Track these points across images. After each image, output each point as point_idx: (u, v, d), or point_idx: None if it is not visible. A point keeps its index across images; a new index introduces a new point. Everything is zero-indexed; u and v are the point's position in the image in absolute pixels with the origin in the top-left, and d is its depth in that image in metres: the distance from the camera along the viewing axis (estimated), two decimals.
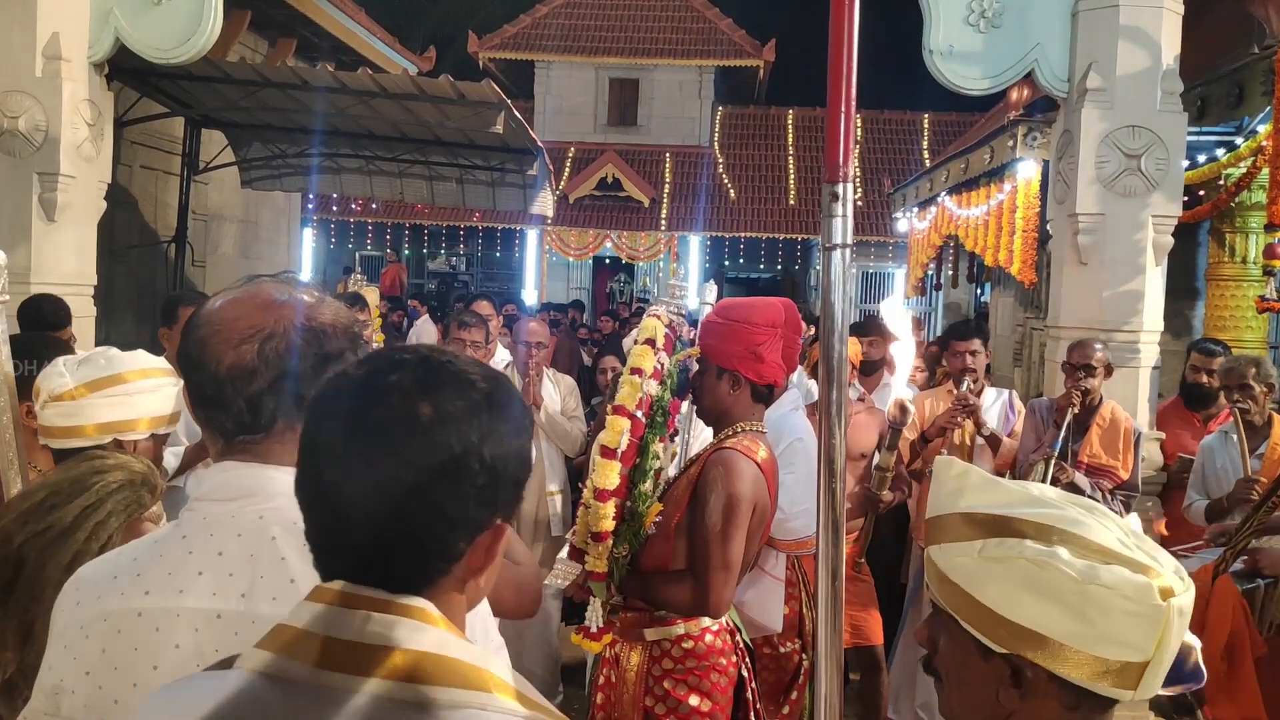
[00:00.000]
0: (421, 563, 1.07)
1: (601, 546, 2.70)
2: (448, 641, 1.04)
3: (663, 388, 2.88)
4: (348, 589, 1.04)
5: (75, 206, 5.78)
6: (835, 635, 1.59)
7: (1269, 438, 4.61)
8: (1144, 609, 1.15)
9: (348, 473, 1.03)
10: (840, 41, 1.51)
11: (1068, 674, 1.19)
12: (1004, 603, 1.21)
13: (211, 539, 1.36)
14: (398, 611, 1.03)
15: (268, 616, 1.26)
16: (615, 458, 2.70)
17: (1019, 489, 1.28)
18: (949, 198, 11.27)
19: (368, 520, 1.03)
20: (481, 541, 1.09)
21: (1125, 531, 1.22)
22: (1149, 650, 1.16)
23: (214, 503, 1.39)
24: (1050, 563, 1.19)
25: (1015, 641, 1.21)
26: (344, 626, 1.02)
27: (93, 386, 2.19)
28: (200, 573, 1.34)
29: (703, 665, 2.79)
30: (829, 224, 1.53)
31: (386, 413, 1.04)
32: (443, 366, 1.09)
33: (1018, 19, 5.31)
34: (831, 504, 1.57)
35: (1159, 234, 5.26)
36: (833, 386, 1.58)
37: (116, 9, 5.75)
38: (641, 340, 2.89)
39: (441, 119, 6.97)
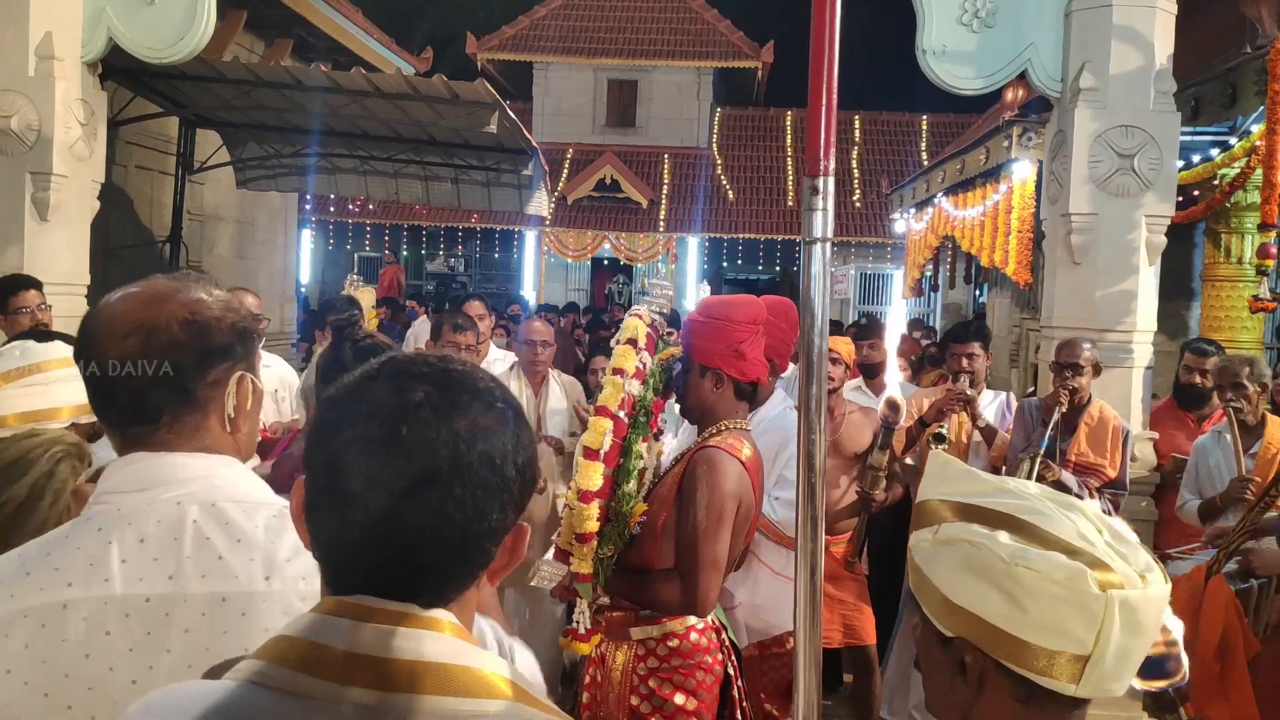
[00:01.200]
0: (461, 572, 1.08)
1: (586, 547, 2.70)
2: (461, 650, 1.04)
3: (645, 387, 2.88)
4: (367, 601, 1.04)
5: (68, 206, 5.78)
6: (814, 630, 1.58)
7: (1262, 437, 4.61)
8: (1075, 596, 1.14)
9: (384, 488, 1.03)
10: (821, 37, 1.51)
11: (1006, 661, 1.18)
12: (949, 585, 1.23)
13: (130, 528, 1.38)
14: (419, 624, 1.03)
15: (199, 594, 1.31)
16: (598, 458, 2.70)
17: (995, 481, 1.29)
18: (945, 198, 11.27)
19: (405, 534, 1.03)
20: (506, 543, 1.11)
21: (1099, 528, 1.21)
22: (1088, 643, 1.15)
23: (126, 494, 1.41)
24: (985, 544, 1.20)
25: (960, 625, 1.22)
26: (369, 642, 1.01)
27: (7, 378, 2.22)
28: (124, 560, 1.36)
29: (688, 664, 2.79)
30: (809, 218, 1.54)
31: (424, 432, 1.04)
32: (464, 379, 1.11)
33: (1011, 19, 5.31)
34: (810, 499, 1.57)
35: (1152, 234, 5.25)
36: (812, 382, 1.57)
37: (109, 8, 5.74)
38: (623, 340, 2.89)
39: (436, 119, 6.96)
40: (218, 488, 1.42)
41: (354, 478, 1.04)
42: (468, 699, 1.02)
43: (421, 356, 1.14)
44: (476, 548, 1.08)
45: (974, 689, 1.23)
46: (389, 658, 1.01)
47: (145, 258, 8.26)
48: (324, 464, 1.07)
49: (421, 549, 1.04)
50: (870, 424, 4.79)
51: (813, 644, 1.54)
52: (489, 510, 1.06)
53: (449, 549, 1.05)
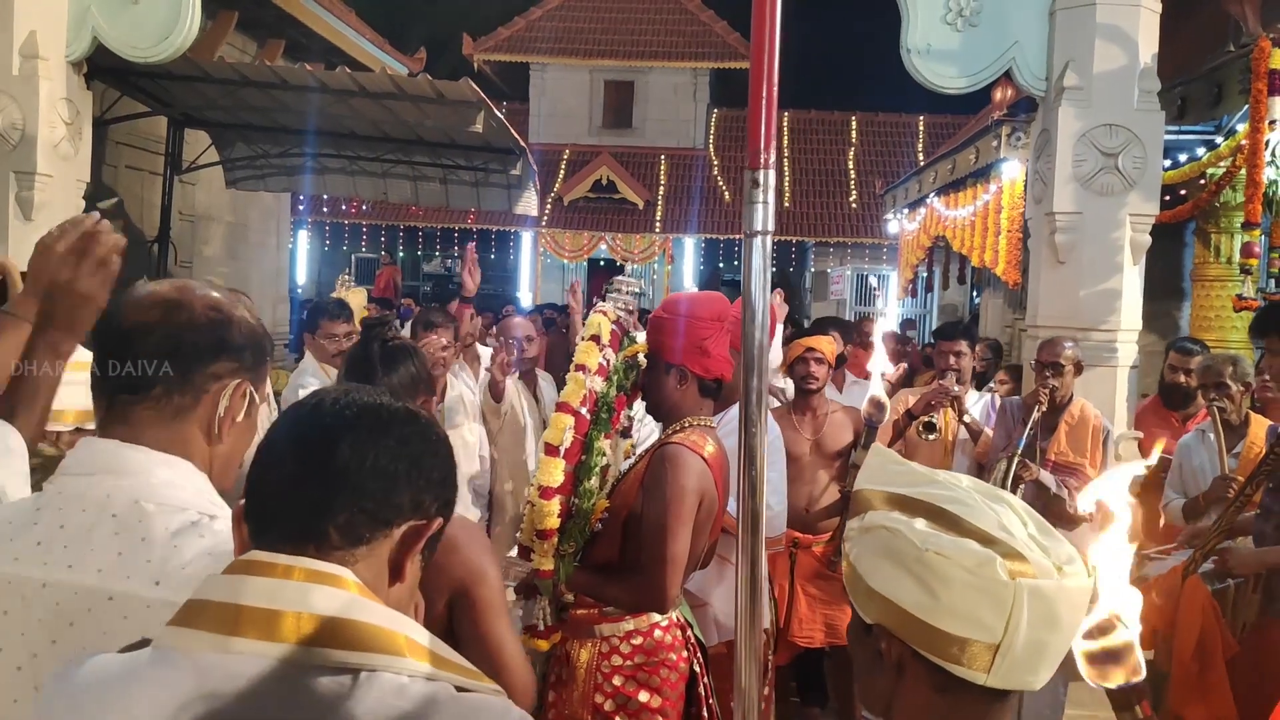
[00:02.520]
0: (352, 522, 1.11)
1: (547, 544, 2.69)
2: (356, 604, 1.06)
3: (608, 384, 2.87)
4: (262, 557, 1.07)
5: (53, 206, 5.77)
6: (754, 626, 1.58)
7: (1246, 436, 4.60)
8: (984, 583, 1.14)
9: (306, 447, 1.12)
10: (761, 33, 1.50)
11: (920, 648, 1.18)
12: (869, 571, 1.23)
13: (60, 511, 1.39)
14: (313, 578, 1.06)
15: (90, 589, 1.31)
16: (559, 455, 2.70)
17: (926, 472, 1.29)
18: (937, 199, 11.28)
19: (305, 477, 1.11)
20: (416, 527, 1.15)
21: (1023, 521, 1.21)
22: (997, 631, 1.14)
23: (74, 476, 1.42)
24: (900, 529, 1.20)
25: (878, 612, 1.22)
26: (253, 592, 1.05)
27: None
28: (39, 543, 1.37)
29: (652, 661, 2.77)
30: (750, 211, 1.53)
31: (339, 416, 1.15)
32: (393, 407, 1.19)
33: (995, 18, 5.29)
34: (751, 494, 1.57)
35: (1136, 233, 5.24)
36: (753, 375, 1.57)
37: (94, 7, 5.74)
38: (587, 336, 2.88)
39: (422, 118, 6.96)
40: (150, 486, 1.40)
41: (285, 444, 1.15)
42: (358, 653, 1.04)
43: (356, 388, 1.22)
44: (373, 505, 1.12)
45: (893, 677, 1.23)
46: (276, 609, 1.03)
47: (134, 258, 8.26)
48: (264, 446, 1.16)
49: (317, 489, 1.10)
50: (852, 423, 4.78)
51: (753, 639, 1.54)
52: (396, 476, 1.13)
53: (344, 495, 1.11)
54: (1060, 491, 4.54)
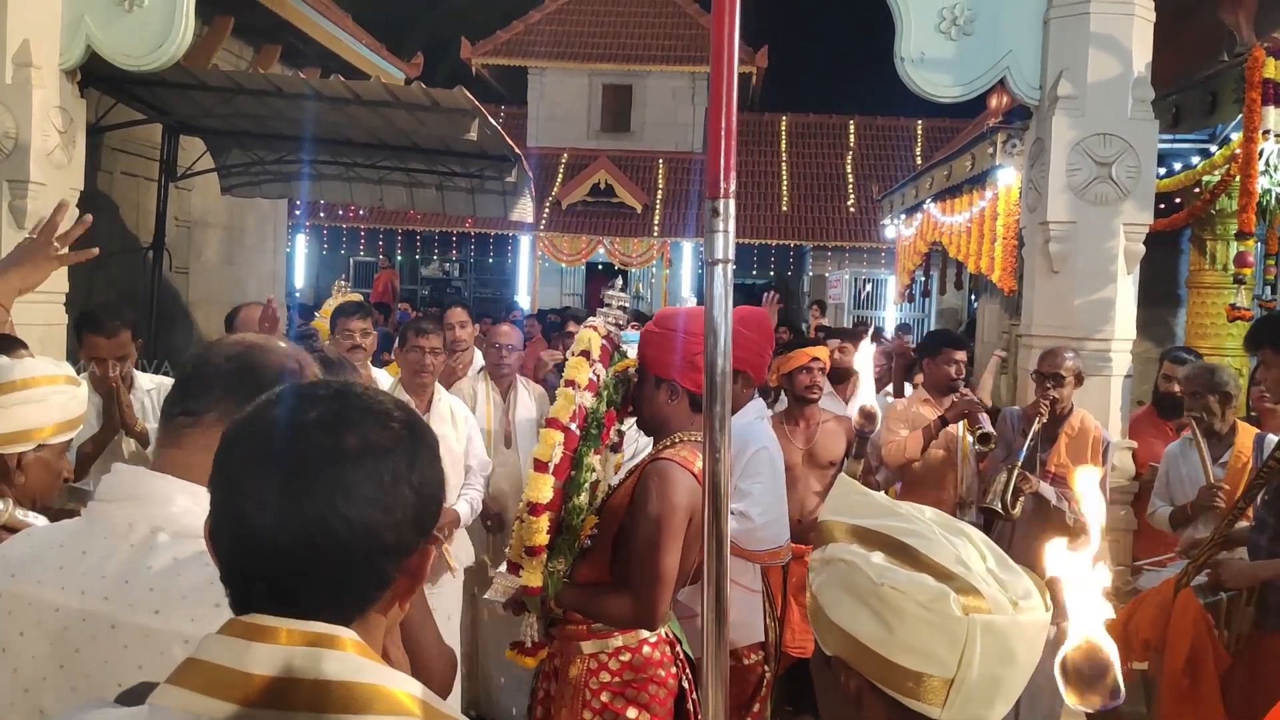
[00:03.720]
0: (356, 592, 1.09)
1: (536, 560, 2.69)
2: (364, 668, 1.04)
3: (598, 400, 2.86)
4: (266, 621, 1.04)
5: (46, 214, 5.74)
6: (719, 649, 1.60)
7: (1233, 446, 4.59)
8: (937, 618, 1.15)
9: (274, 508, 1.05)
10: (720, 60, 1.50)
11: (877, 681, 1.19)
12: (829, 603, 1.24)
13: (84, 536, 1.43)
14: (319, 643, 1.03)
15: (98, 615, 1.34)
16: (548, 471, 2.69)
17: (888, 504, 1.30)
18: (934, 205, 11.29)
19: (293, 551, 1.04)
20: (409, 564, 1.12)
21: (983, 554, 1.21)
22: (951, 666, 1.15)
23: (105, 503, 1.47)
24: (858, 563, 1.21)
25: (837, 644, 1.24)
26: (264, 660, 1.02)
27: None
28: (60, 567, 1.40)
29: (640, 677, 2.77)
30: (711, 239, 1.54)
31: (309, 449, 1.06)
32: (361, 400, 1.13)
33: (989, 26, 5.30)
34: (716, 521, 1.57)
35: (1130, 242, 5.24)
36: (716, 400, 1.57)
37: (88, 16, 5.73)
38: (576, 352, 2.88)
39: (417, 126, 6.95)
40: (169, 514, 1.44)
41: (245, 496, 1.06)
42: (372, 716, 1.02)
43: (324, 381, 1.18)
44: (370, 568, 1.08)
45: (853, 709, 1.24)
46: (290, 678, 1.01)
47: (130, 265, 8.25)
48: (219, 483, 1.10)
49: (310, 564, 1.05)
50: (844, 432, 4.78)
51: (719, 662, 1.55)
52: (380, 530, 1.07)
53: (338, 565, 1.06)
54: (1060, 504, 4.54)
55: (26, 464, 2.15)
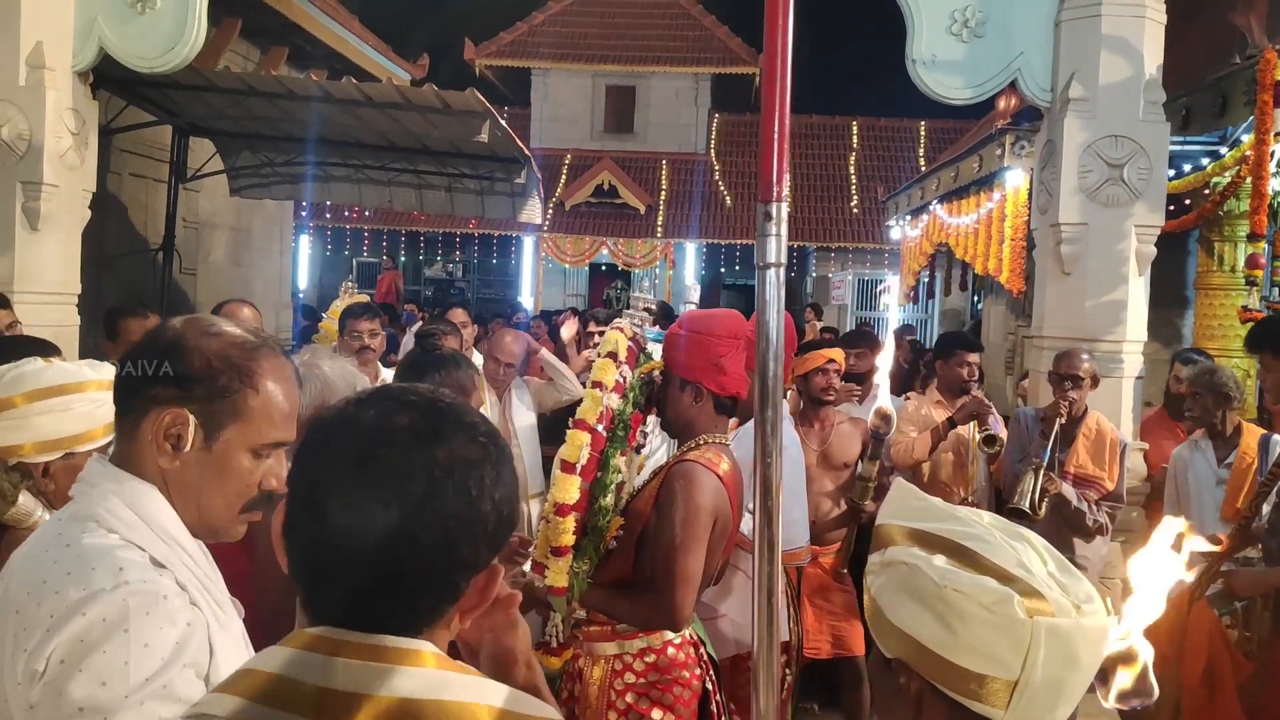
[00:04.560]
0: (429, 604, 1.08)
1: (562, 561, 2.69)
2: (443, 683, 1.03)
3: (625, 401, 2.87)
4: (336, 634, 1.03)
5: (59, 215, 5.78)
6: (769, 654, 1.59)
7: (1238, 447, 4.60)
8: (1002, 621, 1.15)
9: (360, 513, 1.03)
10: (774, 65, 1.50)
11: (939, 684, 1.19)
12: (889, 606, 1.24)
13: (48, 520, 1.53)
14: (392, 658, 1.02)
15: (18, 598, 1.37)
16: (575, 472, 2.70)
17: (947, 509, 1.30)
18: (940, 206, 11.29)
19: (375, 556, 1.04)
20: (478, 581, 1.11)
21: (1043, 559, 1.22)
22: (1014, 668, 1.15)
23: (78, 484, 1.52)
24: (920, 566, 1.21)
25: (898, 647, 1.24)
26: (337, 675, 1.01)
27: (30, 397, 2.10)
28: (23, 554, 1.47)
29: (665, 679, 2.78)
30: (763, 243, 1.53)
31: (401, 456, 1.05)
32: (450, 409, 1.12)
33: (1000, 28, 5.30)
34: (768, 524, 1.57)
35: (1142, 244, 5.25)
36: (767, 406, 1.56)
37: (100, 18, 5.75)
38: (604, 354, 2.89)
39: (428, 128, 6.96)
40: (90, 500, 1.48)
41: (329, 497, 1.05)
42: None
43: (414, 387, 1.15)
44: (447, 581, 1.08)
45: (913, 711, 1.24)
46: (361, 694, 0.99)
47: (139, 265, 8.27)
48: (302, 482, 1.08)
49: (389, 572, 1.04)
50: (859, 434, 4.78)
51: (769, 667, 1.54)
52: (461, 542, 1.07)
53: (420, 579, 1.06)
54: (1080, 505, 4.55)
55: (55, 471, 2.11)
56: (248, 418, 1.51)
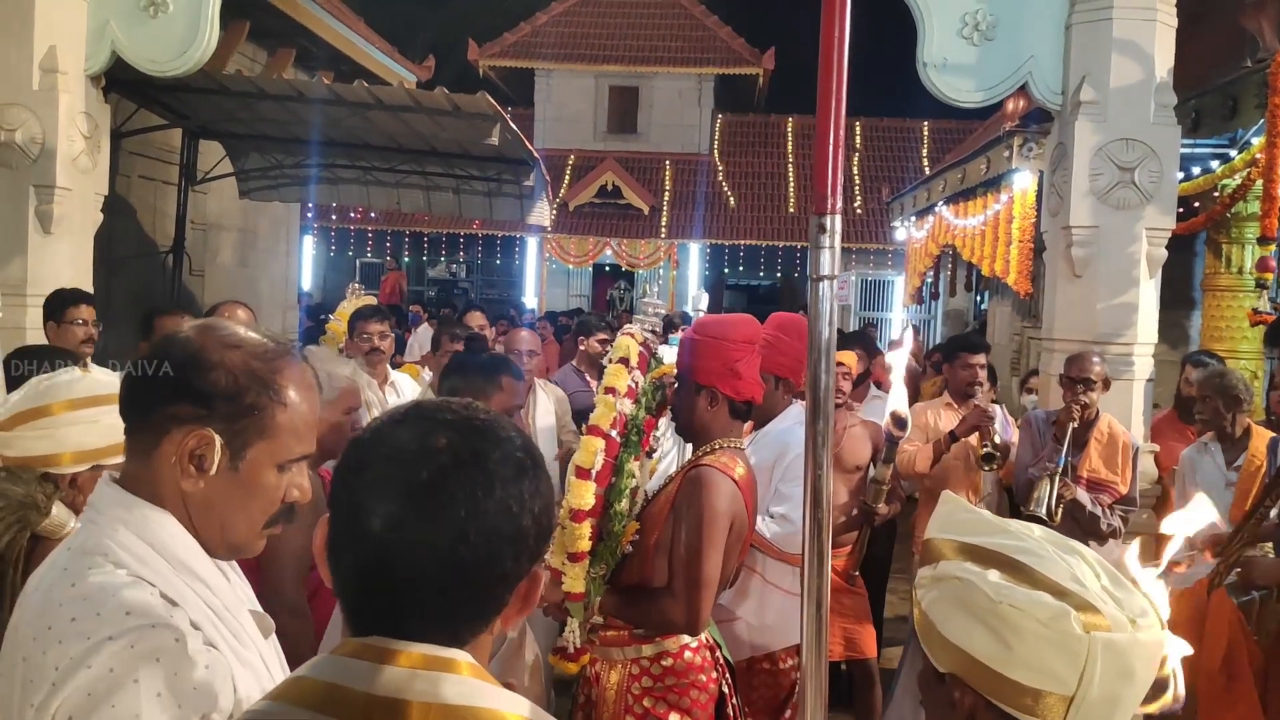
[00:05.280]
0: (474, 616, 1.10)
1: (578, 567, 2.70)
2: (479, 691, 1.06)
3: (637, 406, 2.88)
4: (386, 644, 1.06)
5: (71, 219, 5.79)
6: (819, 660, 1.59)
7: (1247, 449, 4.61)
8: (1057, 636, 1.15)
9: (404, 534, 1.05)
10: (830, 78, 1.49)
11: (994, 698, 1.20)
12: (943, 621, 1.25)
13: (59, 552, 1.44)
14: (438, 666, 1.05)
15: (26, 638, 1.32)
16: (590, 478, 2.71)
17: (998, 523, 1.31)
18: (946, 207, 11.30)
19: (420, 575, 1.06)
20: (520, 589, 1.13)
21: (1096, 573, 1.22)
22: (1071, 684, 1.16)
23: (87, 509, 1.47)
24: (974, 581, 1.22)
25: (952, 661, 1.24)
26: (385, 682, 1.03)
27: (17, 420, 2.07)
28: (37, 584, 1.42)
29: (682, 683, 2.79)
30: (817, 255, 1.51)
31: (443, 477, 1.07)
32: (487, 427, 1.13)
33: (1011, 31, 5.31)
34: (818, 534, 1.57)
35: (1153, 247, 5.25)
36: (819, 419, 1.56)
37: (113, 22, 5.76)
38: (615, 359, 2.89)
39: (437, 130, 6.98)
40: (98, 526, 1.41)
41: (373, 518, 1.06)
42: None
43: (447, 404, 1.16)
44: (489, 594, 1.10)
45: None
46: (408, 700, 1.02)
47: (149, 268, 8.29)
48: (346, 503, 1.10)
49: (436, 592, 1.06)
50: (871, 437, 4.79)
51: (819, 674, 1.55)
52: (503, 557, 1.09)
53: (463, 594, 1.08)
54: (1095, 509, 4.55)
55: (83, 482, 2.08)
56: (274, 434, 1.44)
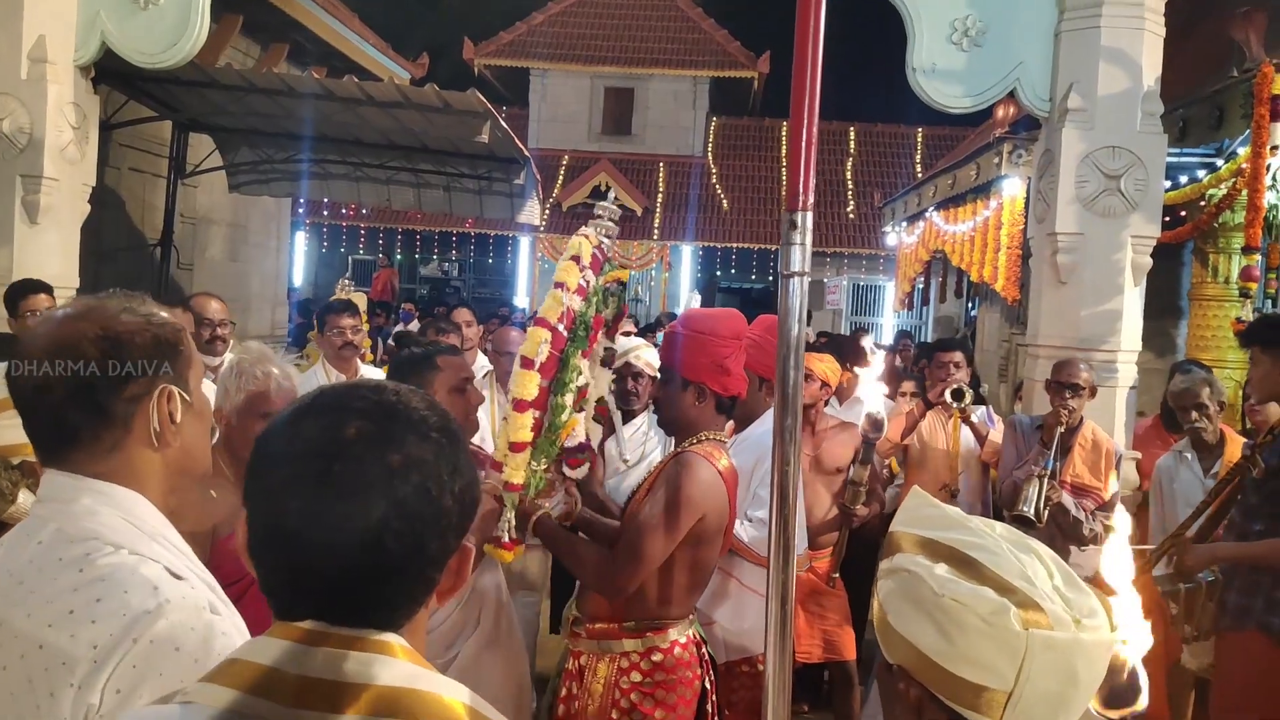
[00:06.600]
0: (405, 600, 1.09)
1: (519, 457, 2.70)
2: (418, 675, 1.05)
3: (587, 304, 2.86)
4: (318, 627, 1.05)
5: (59, 209, 5.78)
6: (784, 656, 1.59)
7: (1223, 456, 4.63)
8: (996, 631, 1.16)
9: (324, 530, 1.04)
10: (804, 75, 1.51)
11: (938, 692, 1.20)
12: (893, 613, 1.25)
13: (18, 541, 1.43)
14: (371, 648, 1.04)
15: (24, 633, 1.32)
16: (534, 368, 2.70)
17: (958, 518, 1.31)
18: (936, 213, 11.33)
19: (346, 567, 1.04)
20: (451, 565, 1.13)
21: (1050, 572, 1.22)
22: (1009, 680, 1.16)
23: (40, 504, 1.45)
24: (921, 575, 1.22)
25: (899, 653, 1.25)
26: (317, 665, 1.02)
27: None
28: (9, 572, 1.40)
29: (670, 678, 2.80)
30: (787, 251, 1.53)
31: (357, 469, 1.05)
32: (398, 410, 1.11)
33: (1000, 38, 5.33)
34: (784, 531, 1.57)
35: (1138, 254, 5.27)
36: (787, 414, 1.57)
37: (103, 12, 5.75)
38: (567, 257, 2.88)
39: (428, 127, 6.97)
40: (69, 513, 1.40)
41: (292, 517, 1.05)
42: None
43: (356, 388, 1.14)
44: (418, 576, 1.10)
45: (914, 718, 1.25)
46: (341, 681, 1.01)
47: (137, 260, 8.27)
48: (262, 501, 1.08)
49: (363, 583, 1.06)
50: (851, 439, 4.80)
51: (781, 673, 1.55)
52: (429, 541, 1.08)
53: (391, 581, 1.07)
54: (1078, 514, 4.58)
55: None
56: (191, 356, 1.53)
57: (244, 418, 2.85)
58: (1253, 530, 3.72)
